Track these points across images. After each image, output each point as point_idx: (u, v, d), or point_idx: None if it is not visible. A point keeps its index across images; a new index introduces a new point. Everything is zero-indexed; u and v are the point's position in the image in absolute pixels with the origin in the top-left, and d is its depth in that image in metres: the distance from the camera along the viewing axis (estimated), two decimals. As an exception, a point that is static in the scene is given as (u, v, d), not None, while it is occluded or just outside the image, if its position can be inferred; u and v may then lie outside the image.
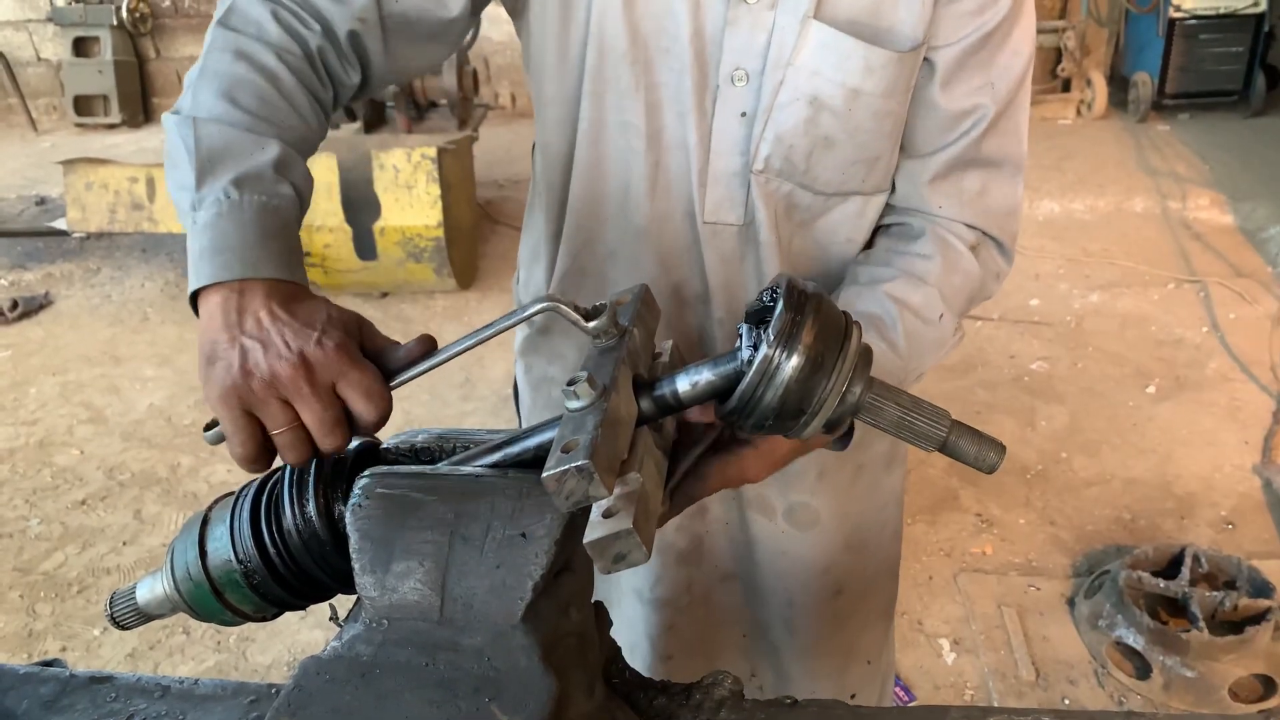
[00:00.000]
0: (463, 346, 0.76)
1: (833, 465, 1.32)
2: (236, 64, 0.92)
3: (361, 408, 0.75)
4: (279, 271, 0.80)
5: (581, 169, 1.15)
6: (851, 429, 1.01)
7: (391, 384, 0.77)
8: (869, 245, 1.21)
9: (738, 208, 1.12)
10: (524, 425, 1.47)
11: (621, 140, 1.11)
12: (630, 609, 1.48)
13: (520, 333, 1.40)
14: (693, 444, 0.86)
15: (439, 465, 0.77)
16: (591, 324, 0.73)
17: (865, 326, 1.04)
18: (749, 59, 1.04)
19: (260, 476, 0.78)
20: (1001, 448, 0.73)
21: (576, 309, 0.74)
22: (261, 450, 0.76)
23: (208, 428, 0.79)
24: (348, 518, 0.69)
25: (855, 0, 1.02)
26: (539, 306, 0.74)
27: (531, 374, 1.41)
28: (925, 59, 1.07)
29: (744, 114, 1.07)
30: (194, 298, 0.81)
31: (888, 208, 1.19)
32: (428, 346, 0.79)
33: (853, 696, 1.52)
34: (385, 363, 0.79)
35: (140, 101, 8.13)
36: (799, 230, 1.16)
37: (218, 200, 0.82)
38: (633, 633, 1.51)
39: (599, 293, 1.22)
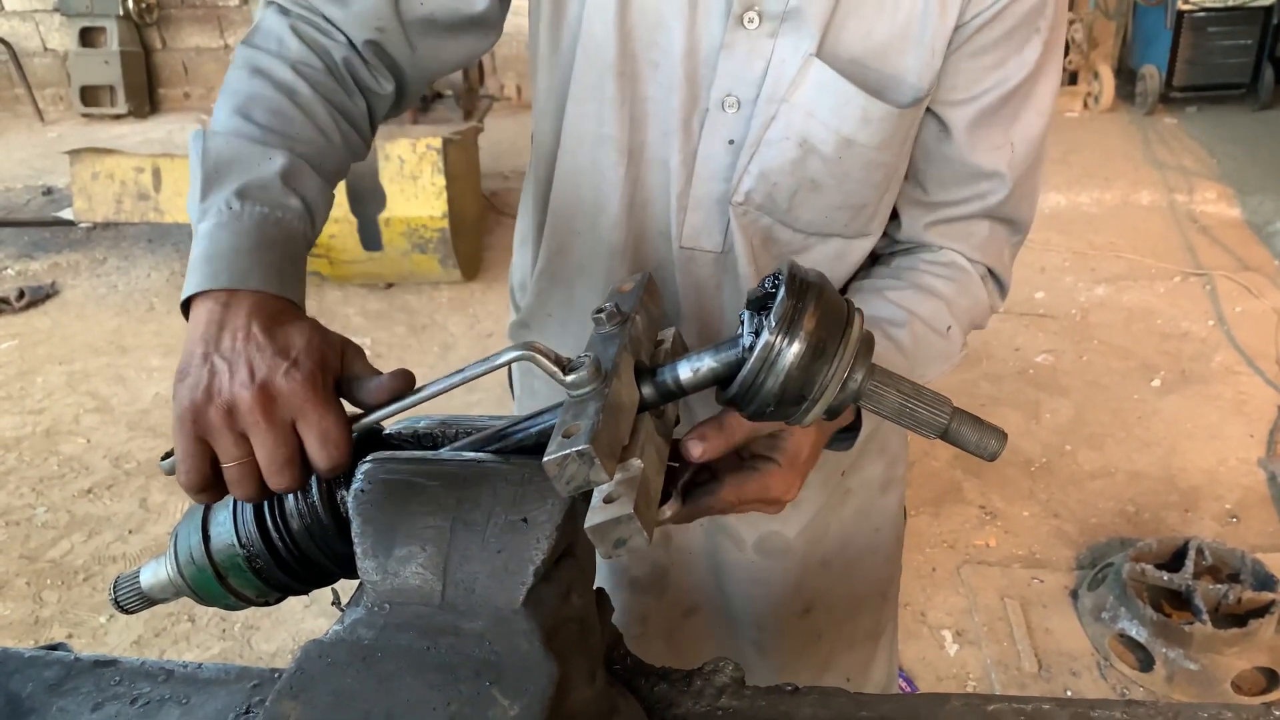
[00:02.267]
0: (436, 389, 0.72)
1: (809, 493, 1.27)
2: (253, 80, 0.91)
3: (316, 452, 0.71)
4: (268, 284, 0.77)
5: (562, 177, 1.11)
6: (857, 426, 1.01)
7: (356, 425, 0.73)
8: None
9: (716, 235, 1.08)
10: (517, 408, 1.45)
11: (600, 154, 1.07)
12: None
13: (510, 317, 1.36)
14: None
15: (441, 450, 0.77)
16: (569, 377, 0.67)
17: (870, 326, 1.03)
18: (742, 86, 0.99)
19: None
20: (1003, 435, 0.73)
21: (552, 358, 0.69)
22: (208, 481, 0.72)
23: (165, 456, 0.75)
24: (350, 502, 0.69)
25: (861, 41, 0.97)
26: (514, 355, 0.69)
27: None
28: (939, 115, 1.04)
29: (731, 141, 1.02)
30: (186, 308, 0.77)
31: (890, 241, 1.16)
32: (403, 383, 0.74)
33: None
34: (360, 396, 0.75)
35: (146, 92, 8.14)
36: (777, 264, 1.13)
37: (219, 210, 0.80)
38: None
39: (567, 302, 1.19)
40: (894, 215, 1.15)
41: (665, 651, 1.41)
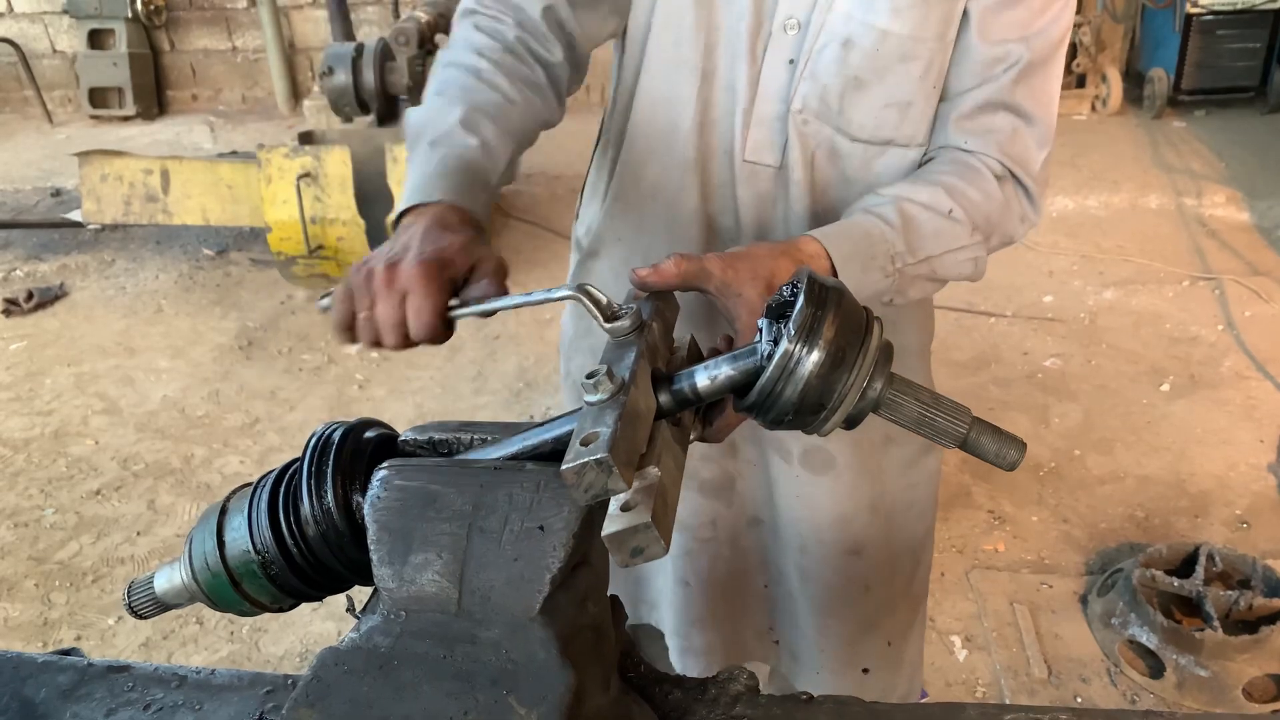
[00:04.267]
0: (501, 305, 0.87)
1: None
2: (446, 70, 1.14)
3: (411, 321, 0.87)
4: (445, 196, 0.98)
5: (640, 104, 1.24)
6: None
7: (451, 313, 0.88)
8: None
9: (776, 150, 1.19)
10: (564, 354, 1.52)
11: (677, 77, 1.19)
12: None
13: (572, 262, 1.48)
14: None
15: (457, 457, 0.77)
16: (611, 324, 0.74)
17: (855, 211, 1.11)
18: (800, 9, 1.12)
19: (277, 469, 0.79)
20: (1022, 445, 0.72)
21: (601, 304, 0.76)
22: (347, 323, 0.91)
23: (323, 296, 0.95)
24: (366, 509, 0.69)
25: None
26: (566, 292, 0.77)
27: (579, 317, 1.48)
28: (964, 10, 1.11)
29: (791, 61, 1.14)
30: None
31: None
32: (493, 290, 0.89)
33: (865, 671, 1.52)
34: (462, 294, 0.90)
35: (155, 94, 8.17)
36: (841, 181, 1.21)
37: (415, 160, 1.04)
38: None
39: (638, 226, 1.31)
40: None
41: (730, 556, 1.50)
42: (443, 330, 0.89)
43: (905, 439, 1.40)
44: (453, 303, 0.88)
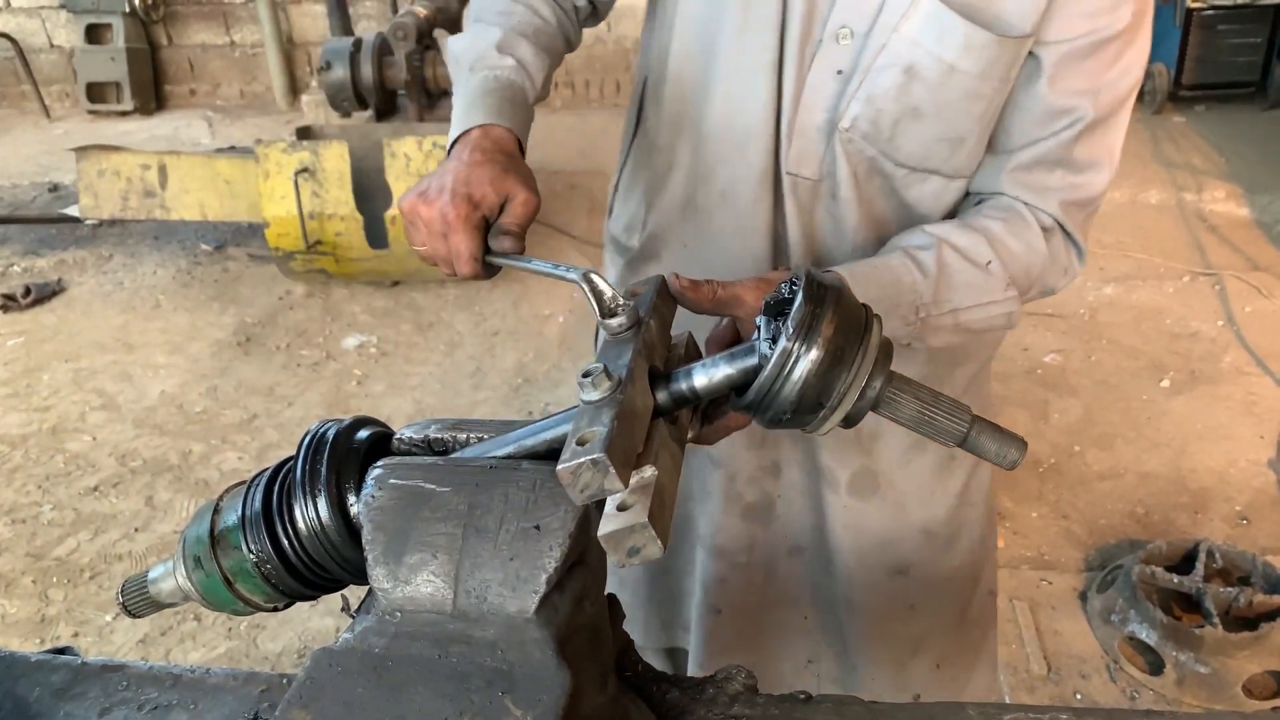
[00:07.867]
0: (527, 266, 0.94)
1: (891, 431, 1.30)
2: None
3: (453, 262, 0.98)
4: (489, 118, 1.06)
5: (714, 103, 1.18)
6: None
7: (488, 258, 0.98)
8: None
9: (815, 162, 1.15)
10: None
11: (753, 77, 1.13)
12: (694, 554, 1.48)
13: (613, 265, 1.44)
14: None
15: (453, 456, 0.77)
16: (612, 320, 0.75)
17: (893, 249, 1.08)
18: (858, 19, 1.06)
19: (271, 467, 0.78)
20: (1023, 444, 0.72)
21: (605, 297, 0.76)
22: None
23: None
24: (360, 509, 0.68)
25: None
26: (575, 275, 0.80)
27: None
28: (1033, 54, 1.07)
29: (840, 71, 1.09)
30: None
31: (965, 195, 1.20)
32: (509, 246, 0.98)
33: (916, 697, 1.46)
34: (489, 240, 0.98)
35: (152, 89, 8.13)
36: (879, 197, 1.17)
37: (459, 85, 1.13)
38: (690, 578, 1.50)
39: (706, 233, 1.25)
40: None
41: (764, 583, 1.45)
42: (484, 270, 0.98)
43: (960, 463, 1.36)
44: (491, 244, 0.97)
